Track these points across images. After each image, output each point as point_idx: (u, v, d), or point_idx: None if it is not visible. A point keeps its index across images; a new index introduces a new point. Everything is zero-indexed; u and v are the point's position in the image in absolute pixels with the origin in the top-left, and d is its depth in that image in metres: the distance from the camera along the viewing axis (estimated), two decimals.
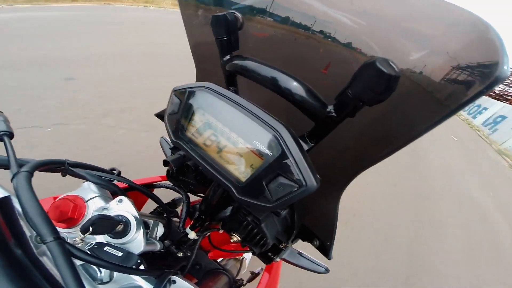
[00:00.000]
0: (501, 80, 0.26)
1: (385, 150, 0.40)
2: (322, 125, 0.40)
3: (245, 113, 0.37)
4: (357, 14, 0.40)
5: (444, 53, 0.31)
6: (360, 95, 0.33)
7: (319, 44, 0.45)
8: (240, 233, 0.55)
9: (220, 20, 0.45)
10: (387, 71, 0.29)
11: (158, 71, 4.11)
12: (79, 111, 2.66)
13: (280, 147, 0.34)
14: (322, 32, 0.44)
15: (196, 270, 0.74)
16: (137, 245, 0.46)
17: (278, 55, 0.53)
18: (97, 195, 0.47)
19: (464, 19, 0.29)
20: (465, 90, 0.29)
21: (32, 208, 0.29)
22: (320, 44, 0.45)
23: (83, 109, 2.71)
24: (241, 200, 0.39)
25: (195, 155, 0.43)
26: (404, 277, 2.03)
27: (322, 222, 0.57)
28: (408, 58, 0.34)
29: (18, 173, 0.32)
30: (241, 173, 0.38)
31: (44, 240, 0.27)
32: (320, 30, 0.44)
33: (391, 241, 2.32)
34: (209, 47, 0.54)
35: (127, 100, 3.08)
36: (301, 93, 0.40)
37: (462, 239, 2.75)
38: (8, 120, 0.43)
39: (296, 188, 0.34)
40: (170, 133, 0.45)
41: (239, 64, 0.47)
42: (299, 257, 0.63)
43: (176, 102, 0.44)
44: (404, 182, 3.43)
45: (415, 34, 0.35)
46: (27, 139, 2.11)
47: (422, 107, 0.36)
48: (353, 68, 0.33)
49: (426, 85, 0.34)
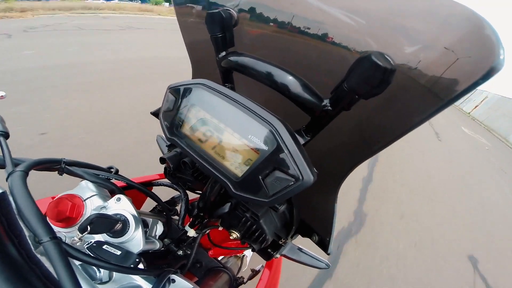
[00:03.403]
0: (497, 70, 0.26)
1: (380, 143, 0.40)
2: (318, 119, 0.40)
3: (240, 108, 0.37)
4: (352, 10, 0.40)
5: (439, 46, 0.31)
6: (356, 88, 0.33)
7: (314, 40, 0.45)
8: (239, 229, 0.55)
9: (215, 17, 0.45)
10: (383, 64, 0.29)
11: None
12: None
13: (275, 141, 0.34)
14: (317, 27, 0.44)
15: (196, 268, 0.74)
16: (136, 244, 0.46)
17: (274, 51, 0.53)
18: (95, 193, 0.47)
19: (458, 13, 0.29)
20: (461, 81, 0.29)
21: (27, 208, 0.29)
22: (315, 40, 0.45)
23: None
24: (238, 196, 0.39)
25: (191, 152, 0.43)
26: None
27: (320, 217, 0.58)
28: (404, 52, 0.34)
29: (13, 173, 0.32)
30: (237, 168, 0.38)
31: (40, 240, 0.27)
32: (315, 26, 0.44)
33: None
34: (204, 46, 0.54)
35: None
36: (296, 87, 0.40)
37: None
38: (4, 120, 0.43)
39: (292, 182, 0.34)
40: (165, 130, 0.45)
41: (234, 61, 0.47)
42: (299, 253, 0.63)
43: (171, 99, 0.43)
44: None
45: (409, 28, 0.35)
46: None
47: (417, 99, 0.36)
48: (349, 62, 0.33)
49: (421, 78, 0.34)
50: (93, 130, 2.54)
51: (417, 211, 2.80)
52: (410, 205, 2.89)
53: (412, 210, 2.78)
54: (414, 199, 3.05)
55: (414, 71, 0.34)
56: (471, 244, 2.58)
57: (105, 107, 3.03)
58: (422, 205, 2.98)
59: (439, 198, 3.28)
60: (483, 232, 2.88)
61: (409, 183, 3.38)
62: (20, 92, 2.90)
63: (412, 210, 2.78)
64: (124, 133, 2.62)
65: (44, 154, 1.99)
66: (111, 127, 2.68)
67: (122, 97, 3.37)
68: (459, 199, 3.48)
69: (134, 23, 9.71)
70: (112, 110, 3.01)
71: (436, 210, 2.97)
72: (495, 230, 2.99)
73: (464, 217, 3.03)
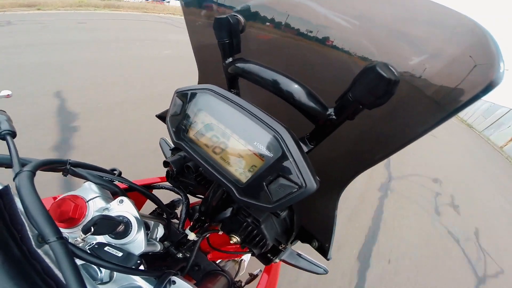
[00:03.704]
0: (496, 84, 0.26)
1: (383, 152, 0.41)
2: (322, 128, 0.40)
3: (246, 115, 0.37)
4: (358, 19, 0.40)
5: (443, 57, 0.32)
6: (360, 98, 0.33)
7: (320, 48, 0.46)
8: (239, 234, 0.55)
9: (223, 23, 0.45)
10: (387, 75, 0.29)
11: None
12: None
13: (280, 148, 0.34)
14: (323, 36, 0.45)
15: (195, 271, 0.74)
16: (138, 246, 0.46)
17: (280, 57, 0.54)
18: (98, 195, 0.47)
19: (462, 24, 0.30)
20: (463, 93, 0.30)
21: (34, 208, 0.29)
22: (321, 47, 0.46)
23: None
24: (242, 201, 0.39)
25: (197, 156, 0.43)
26: None
27: (321, 223, 0.58)
28: (408, 63, 0.35)
29: (20, 172, 0.32)
30: (241, 174, 0.39)
31: (47, 239, 0.27)
32: (322, 35, 0.45)
33: None
34: (211, 50, 0.54)
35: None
36: (302, 96, 0.41)
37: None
38: (11, 119, 0.43)
39: (296, 189, 0.34)
40: (172, 134, 0.45)
41: (241, 67, 0.48)
42: (298, 258, 0.63)
43: (178, 104, 0.44)
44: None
45: (414, 39, 0.35)
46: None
47: (420, 110, 0.36)
48: (354, 72, 0.34)
49: (424, 89, 0.34)
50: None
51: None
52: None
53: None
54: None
55: (417, 81, 0.34)
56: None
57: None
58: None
59: None
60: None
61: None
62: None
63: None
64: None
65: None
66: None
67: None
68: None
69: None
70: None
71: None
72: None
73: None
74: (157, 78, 4.13)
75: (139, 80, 3.90)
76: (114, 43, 5.49)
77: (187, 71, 2.55)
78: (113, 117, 2.84)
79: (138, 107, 3.12)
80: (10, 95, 0.55)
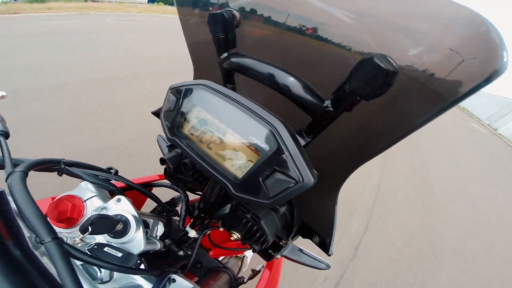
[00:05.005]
0: (500, 73, 0.26)
1: (382, 144, 0.40)
2: (319, 120, 0.40)
3: (241, 109, 0.37)
4: (356, 12, 0.39)
5: (443, 48, 0.31)
6: (358, 90, 0.32)
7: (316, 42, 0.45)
8: (240, 230, 0.55)
9: (217, 18, 0.44)
10: (385, 66, 0.29)
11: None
12: None
13: (276, 142, 0.34)
14: (319, 29, 0.44)
15: (197, 268, 0.74)
16: (137, 245, 0.46)
17: (275, 52, 0.53)
18: (95, 194, 0.47)
19: (462, 15, 0.29)
20: (464, 83, 0.29)
21: (27, 208, 0.29)
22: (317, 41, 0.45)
23: None
24: (238, 197, 0.39)
25: (191, 152, 0.42)
26: None
27: (321, 218, 0.57)
28: (407, 54, 0.34)
29: (12, 173, 0.32)
30: (237, 170, 0.38)
31: (42, 240, 0.27)
32: (318, 27, 0.44)
33: None
34: (206, 46, 0.54)
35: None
36: (298, 88, 0.40)
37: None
38: (4, 120, 0.42)
39: (293, 183, 0.34)
40: (166, 130, 0.45)
41: (236, 62, 0.47)
42: (300, 254, 0.63)
43: (172, 100, 0.43)
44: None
45: (412, 30, 0.35)
46: None
47: (420, 101, 0.35)
48: (351, 63, 0.33)
49: (424, 80, 0.34)
50: None
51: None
52: None
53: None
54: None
55: (416, 73, 0.34)
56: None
57: None
58: None
59: None
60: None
61: None
62: None
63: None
64: None
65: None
66: None
67: None
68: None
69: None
70: None
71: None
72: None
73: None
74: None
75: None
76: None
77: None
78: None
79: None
80: (5, 96, 0.54)
